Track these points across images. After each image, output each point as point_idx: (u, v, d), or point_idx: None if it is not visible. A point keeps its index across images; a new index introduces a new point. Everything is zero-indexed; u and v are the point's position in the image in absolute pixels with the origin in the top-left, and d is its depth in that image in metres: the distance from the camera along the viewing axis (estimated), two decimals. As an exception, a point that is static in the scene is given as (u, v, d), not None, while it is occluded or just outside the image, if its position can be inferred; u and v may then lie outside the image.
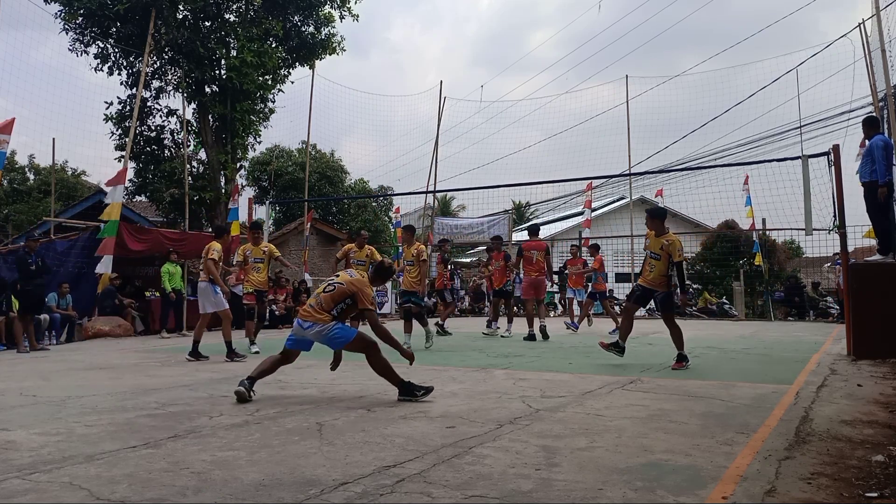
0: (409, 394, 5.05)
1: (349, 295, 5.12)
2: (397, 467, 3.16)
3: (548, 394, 5.32)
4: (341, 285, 5.15)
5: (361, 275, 5.51)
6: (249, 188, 25.99)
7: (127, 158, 15.36)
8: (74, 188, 26.71)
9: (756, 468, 3.11)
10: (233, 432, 4.00)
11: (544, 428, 4.04)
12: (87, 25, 16.43)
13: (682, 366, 6.74)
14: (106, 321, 12.58)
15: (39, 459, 3.38)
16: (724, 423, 4.12)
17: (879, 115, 11.25)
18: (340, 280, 5.21)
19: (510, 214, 21.61)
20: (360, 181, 29.36)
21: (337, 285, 5.16)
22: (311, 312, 5.12)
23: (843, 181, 8.54)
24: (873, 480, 2.93)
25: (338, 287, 5.15)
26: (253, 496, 2.75)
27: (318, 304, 5.13)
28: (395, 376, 5.14)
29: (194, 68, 16.72)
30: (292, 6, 18.31)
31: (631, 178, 20.22)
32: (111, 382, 6.33)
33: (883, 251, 8.15)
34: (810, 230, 9.20)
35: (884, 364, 6.93)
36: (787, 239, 23.44)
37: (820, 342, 9.93)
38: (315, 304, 5.15)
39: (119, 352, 9.77)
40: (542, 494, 2.76)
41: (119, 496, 2.77)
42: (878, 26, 11.17)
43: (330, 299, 5.11)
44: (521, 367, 7.17)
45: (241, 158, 18.88)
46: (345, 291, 5.13)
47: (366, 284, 5.26)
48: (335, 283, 5.20)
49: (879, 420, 4.22)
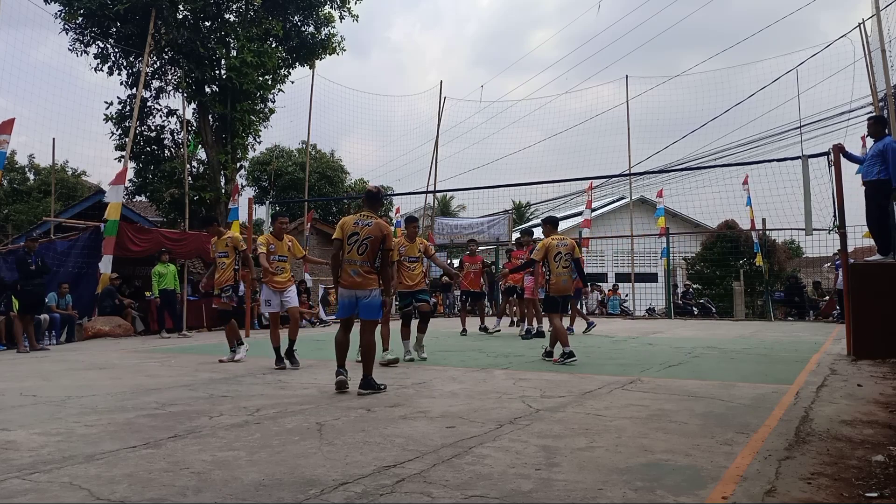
0: (373, 388, 5.40)
1: (380, 240, 5.47)
2: (397, 467, 3.16)
3: (548, 394, 5.32)
4: (369, 238, 5.43)
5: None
6: (249, 188, 26.04)
7: (127, 158, 15.36)
8: (74, 188, 26.71)
9: (756, 468, 3.10)
10: (233, 432, 4.00)
11: (544, 428, 4.04)
12: (86, 25, 16.43)
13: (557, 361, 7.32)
14: (106, 321, 12.58)
15: (39, 459, 3.38)
16: (724, 423, 4.12)
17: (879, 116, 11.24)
18: (366, 234, 5.44)
19: (510, 214, 21.59)
20: (360, 181, 29.37)
21: (366, 241, 5.43)
22: (364, 275, 5.43)
23: (843, 181, 8.54)
24: (873, 480, 2.93)
25: (369, 243, 5.43)
26: (253, 496, 2.75)
27: (364, 265, 5.44)
28: (372, 364, 5.52)
29: (194, 68, 16.72)
30: (292, 6, 18.32)
31: (631, 178, 20.22)
32: (111, 382, 6.33)
33: (883, 251, 8.14)
34: (810, 230, 9.20)
35: (884, 364, 6.93)
36: (787, 239, 23.45)
37: (820, 342, 9.92)
38: (361, 268, 5.43)
39: (119, 352, 9.77)
40: (542, 494, 2.76)
41: (119, 496, 2.77)
42: (878, 26, 11.18)
43: (371, 255, 5.45)
44: (521, 367, 7.17)
45: (241, 158, 18.88)
46: (376, 237, 5.45)
47: (388, 228, 5.61)
48: (364, 241, 5.44)
49: (879, 420, 4.22)
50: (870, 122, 8.34)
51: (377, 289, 5.52)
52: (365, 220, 5.54)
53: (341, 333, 5.66)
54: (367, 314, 5.54)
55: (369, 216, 5.60)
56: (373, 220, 5.55)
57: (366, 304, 5.49)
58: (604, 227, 24.87)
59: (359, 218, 5.57)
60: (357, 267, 5.45)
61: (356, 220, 5.57)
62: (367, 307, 5.51)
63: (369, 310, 5.52)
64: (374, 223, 5.53)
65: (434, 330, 10.25)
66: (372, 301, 5.50)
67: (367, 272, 5.47)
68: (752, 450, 3.44)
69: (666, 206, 19.89)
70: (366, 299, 5.48)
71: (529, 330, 11.15)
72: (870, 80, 12.48)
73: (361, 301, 5.49)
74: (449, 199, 36.13)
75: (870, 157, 7.95)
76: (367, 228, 5.49)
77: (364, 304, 5.50)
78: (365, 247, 5.44)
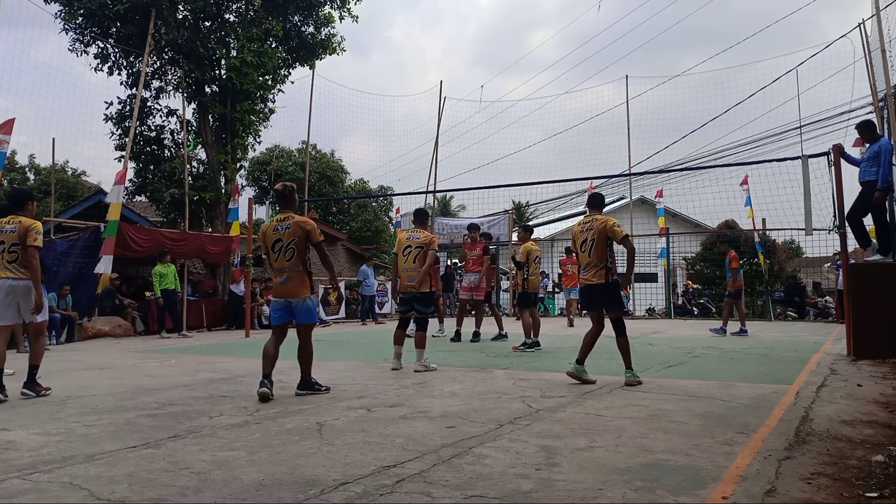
0: (311, 388, 5.46)
1: (304, 237, 5.32)
2: (397, 467, 3.16)
3: (548, 394, 5.32)
4: (293, 240, 5.29)
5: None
6: (249, 188, 25.98)
7: (127, 158, 15.34)
8: (74, 188, 26.71)
9: (756, 468, 3.11)
10: (233, 432, 4.00)
11: (544, 428, 4.04)
12: (87, 25, 16.41)
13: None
14: (106, 321, 12.58)
15: (39, 459, 3.38)
16: (724, 423, 4.12)
17: (879, 116, 11.25)
18: (289, 238, 5.30)
19: (510, 214, 21.59)
20: (360, 181, 29.36)
21: (291, 245, 5.30)
22: (295, 281, 5.32)
23: (843, 181, 8.54)
24: (873, 480, 2.93)
25: (295, 245, 5.30)
26: (253, 496, 2.75)
27: (294, 270, 5.31)
28: (310, 365, 5.51)
29: (194, 68, 16.71)
30: (292, 6, 18.30)
31: (631, 178, 20.22)
32: (111, 382, 6.33)
33: (883, 251, 8.16)
34: (810, 230, 9.20)
35: (884, 364, 6.93)
36: (787, 239, 23.44)
37: (820, 342, 9.92)
38: (292, 274, 5.31)
39: (119, 352, 9.77)
40: (542, 494, 2.76)
41: (119, 496, 2.77)
42: (878, 26, 11.17)
43: (300, 258, 5.33)
44: (521, 367, 7.17)
45: (241, 158, 18.85)
46: (300, 237, 5.30)
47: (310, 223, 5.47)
48: (289, 245, 5.30)
49: (879, 420, 4.22)
50: (859, 130, 8.41)
51: (311, 294, 5.37)
52: (284, 224, 5.33)
53: (272, 342, 5.37)
54: (302, 318, 5.36)
55: (286, 217, 5.37)
56: (291, 221, 5.33)
57: (301, 308, 5.32)
58: (604, 227, 24.79)
59: (277, 223, 5.35)
60: (287, 274, 5.29)
61: (275, 225, 5.36)
62: (301, 311, 5.33)
63: (304, 313, 5.35)
64: (293, 223, 5.31)
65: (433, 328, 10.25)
66: (305, 305, 5.33)
67: (299, 277, 5.30)
68: (752, 450, 3.44)
69: (666, 206, 19.89)
70: (300, 305, 5.31)
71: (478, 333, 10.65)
72: (870, 80, 12.47)
73: (296, 307, 5.31)
74: (449, 199, 36.14)
75: (867, 158, 8.03)
76: (287, 232, 5.29)
77: (299, 310, 5.32)
78: (292, 251, 5.27)
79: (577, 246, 6.08)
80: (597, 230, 5.84)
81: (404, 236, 7.09)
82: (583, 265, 6.05)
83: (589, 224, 5.97)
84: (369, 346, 10.33)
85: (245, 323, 13.25)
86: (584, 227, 6.00)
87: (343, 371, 6.99)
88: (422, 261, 6.88)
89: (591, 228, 5.92)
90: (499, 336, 10.75)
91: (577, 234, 6.09)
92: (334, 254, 23.29)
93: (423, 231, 7.13)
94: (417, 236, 7.00)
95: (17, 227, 5.58)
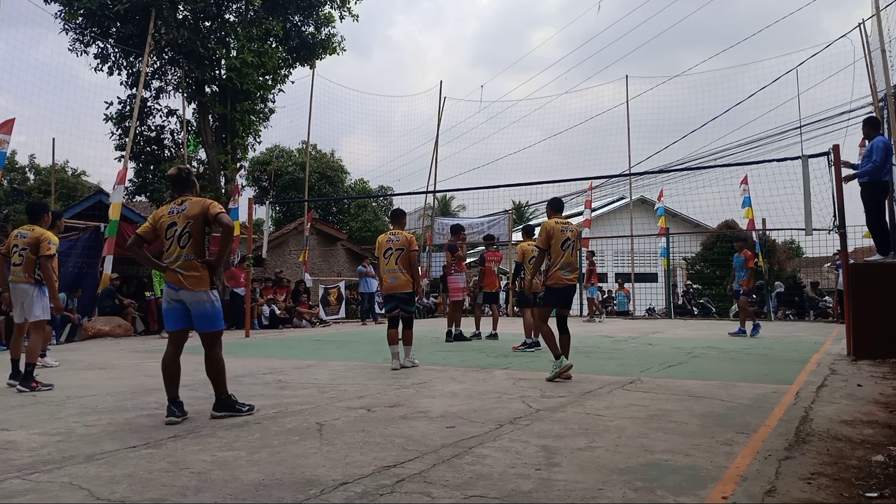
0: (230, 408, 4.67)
1: (202, 217, 4.45)
2: (397, 467, 3.16)
3: (548, 394, 5.32)
4: (189, 222, 4.41)
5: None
6: (249, 188, 26.02)
7: (127, 158, 15.35)
8: (74, 188, 26.74)
9: (756, 468, 3.10)
10: (233, 432, 4.00)
11: (544, 428, 4.04)
12: (86, 25, 16.42)
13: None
14: (106, 321, 12.57)
15: (39, 459, 3.38)
16: (724, 423, 4.12)
17: (879, 115, 11.24)
18: (184, 221, 4.42)
19: (510, 214, 21.62)
20: (360, 181, 29.39)
21: (187, 228, 4.42)
22: (191, 271, 4.38)
23: (843, 181, 8.54)
24: (873, 480, 2.93)
25: (191, 229, 4.41)
26: (253, 496, 2.75)
27: (189, 258, 4.39)
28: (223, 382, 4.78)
29: (194, 68, 16.72)
30: (292, 6, 18.31)
31: (631, 178, 20.23)
32: (111, 382, 6.33)
33: (882, 251, 8.17)
34: (810, 230, 9.19)
35: (884, 364, 6.93)
36: (787, 239, 23.46)
37: (820, 342, 9.93)
38: (187, 263, 4.39)
39: (119, 352, 9.77)
40: (542, 494, 2.76)
41: (119, 496, 2.77)
42: (878, 26, 11.18)
43: (197, 244, 4.43)
44: (521, 367, 7.17)
45: (241, 158, 18.87)
46: (197, 217, 4.43)
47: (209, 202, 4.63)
48: (184, 230, 4.42)
49: (879, 420, 4.22)
50: (863, 126, 8.55)
51: (208, 290, 4.41)
52: (179, 207, 4.49)
53: (168, 355, 4.56)
54: (201, 326, 4.45)
55: (183, 200, 4.53)
56: (187, 203, 4.49)
57: (198, 311, 4.40)
58: (604, 227, 24.90)
59: (172, 206, 4.53)
60: (181, 262, 4.39)
61: (170, 209, 4.53)
62: (199, 316, 4.41)
63: (203, 319, 4.43)
64: (189, 204, 4.48)
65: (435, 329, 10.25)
66: (204, 308, 4.40)
67: (195, 268, 4.38)
68: (752, 450, 3.44)
69: (666, 206, 19.90)
70: (197, 305, 4.39)
71: (461, 332, 10.70)
72: (870, 80, 12.47)
73: (194, 310, 4.40)
74: (449, 199, 36.13)
75: (864, 157, 8.09)
76: (182, 214, 4.44)
77: (196, 313, 4.41)
78: (188, 236, 4.38)
79: (558, 244, 6.21)
80: (575, 234, 6.31)
81: (384, 238, 7.21)
82: (561, 264, 6.21)
83: (568, 225, 6.32)
84: (369, 346, 10.32)
85: (245, 323, 13.24)
86: (564, 227, 6.28)
87: (343, 371, 6.99)
88: (404, 261, 7.05)
89: (571, 230, 6.30)
90: (491, 335, 10.95)
91: (556, 231, 6.24)
92: (334, 254, 23.29)
93: (402, 232, 7.24)
94: (397, 238, 7.13)
95: (28, 234, 6.18)
